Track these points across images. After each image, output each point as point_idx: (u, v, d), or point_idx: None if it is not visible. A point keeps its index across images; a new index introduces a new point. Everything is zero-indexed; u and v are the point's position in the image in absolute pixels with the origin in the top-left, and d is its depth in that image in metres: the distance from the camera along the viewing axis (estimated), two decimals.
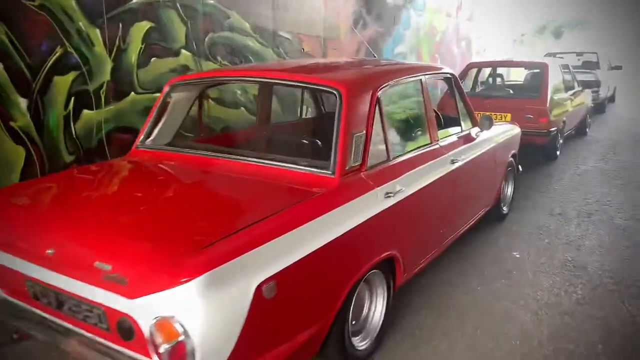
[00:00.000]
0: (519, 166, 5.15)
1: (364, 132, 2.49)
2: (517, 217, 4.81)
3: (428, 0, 11.43)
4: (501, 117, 6.79)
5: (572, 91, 7.98)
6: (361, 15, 9.05)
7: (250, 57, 6.73)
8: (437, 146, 3.26)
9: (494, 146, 4.15)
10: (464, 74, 7.55)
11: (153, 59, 5.43)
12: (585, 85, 11.23)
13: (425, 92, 3.19)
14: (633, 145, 8.31)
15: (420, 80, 3.20)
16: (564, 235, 4.38)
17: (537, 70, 7.57)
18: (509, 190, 4.89)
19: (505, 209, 4.77)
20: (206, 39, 6.09)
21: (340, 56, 7.80)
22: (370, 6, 9.23)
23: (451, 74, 3.71)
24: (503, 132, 4.51)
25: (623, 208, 5.11)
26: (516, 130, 5.06)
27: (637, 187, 5.85)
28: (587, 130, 9.23)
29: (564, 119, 7.28)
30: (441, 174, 3.17)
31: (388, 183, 2.61)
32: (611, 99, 14.24)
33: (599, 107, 11.89)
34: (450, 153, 3.35)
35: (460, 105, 3.77)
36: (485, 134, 3.99)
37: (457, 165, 3.37)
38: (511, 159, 4.76)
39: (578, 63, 12.90)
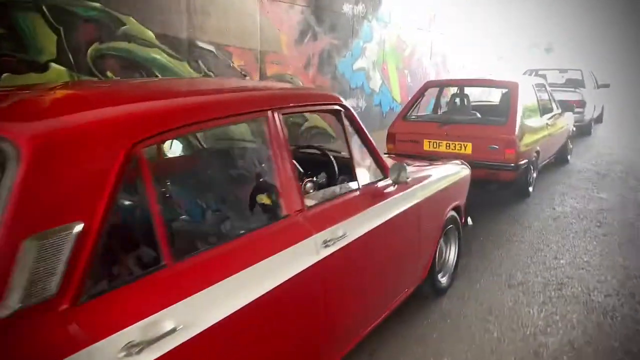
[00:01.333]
0: (469, 218, 3.95)
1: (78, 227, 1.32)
2: (461, 290, 3.49)
3: (394, 11, 10.33)
4: (461, 147, 5.63)
5: (550, 115, 6.85)
6: (309, 25, 7.92)
7: (157, 72, 5.56)
8: (296, 219, 2.03)
9: (417, 203, 2.93)
10: (420, 94, 6.40)
11: (5, 74, 4.26)
12: (566, 107, 10.16)
13: (275, 134, 1.99)
14: (620, 178, 7.16)
15: (267, 118, 2.00)
16: (521, 325, 3.10)
17: (506, 91, 6.43)
18: (451, 255, 3.64)
19: (444, 280, 3.52)
20: (89, 50, 4.91)
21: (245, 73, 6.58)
22: (320, 15, 8.11)
23: (340, 104, 2.53)
24: (437, 180, 3.28)
25: (604, 275, 3.87)
26: (463, 173, 3.87)
27: (622, 240, 4.58)
28: (569, 157, 8.10)
29: (538, 148, 6.14)
30: (298, 269, 1.94)
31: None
32: (598, 119, 13.16)
33: (584, 129, 10.78)
34: (321, 232, 2.13)
35: (357, 149, 2.55)
36: (402, 189, 2.77)
37: (332, 249, 2.14)
38: (453, 213, 3.55)
39: (562, 81, 11.85)
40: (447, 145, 5.67)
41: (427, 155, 5.50)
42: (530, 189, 6.10)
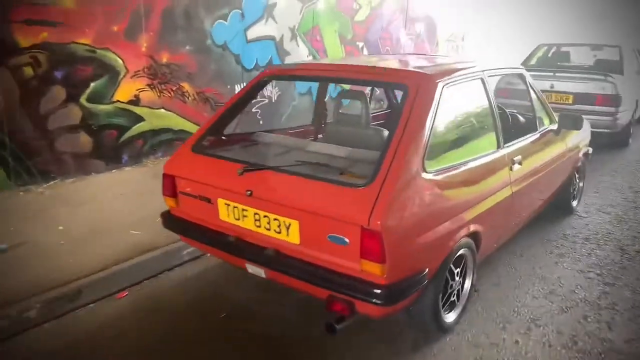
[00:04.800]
0: None
1: None
2: None
3: None
4: (279, 227, 2.39)
5: (529, 137, 3.44)
6: None
7: None
8: None
9: None
10: (246, 92, 3.09)
11: None
12: (587, 104, 6.62)
13: None
14: None
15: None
16: None
17: (403, 96, 3.05)
18: None
19: None
20: None
21: None
22: None
23: None
24: None
25: None
26: None
27: None
28: (574, 204, 4.55)
29: (477, 228, 2.75)
30: None
31: None
32: None
33: (617, 138, 7.19)
34: None
35: None
36: None
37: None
38: None
39: (591, 62, 8.16)
40: (256, 219, 2.44)
41: (224, 233, 2.49)
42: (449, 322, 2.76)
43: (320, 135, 3.60)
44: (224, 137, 3.04)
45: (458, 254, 2.64)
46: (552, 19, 14.62)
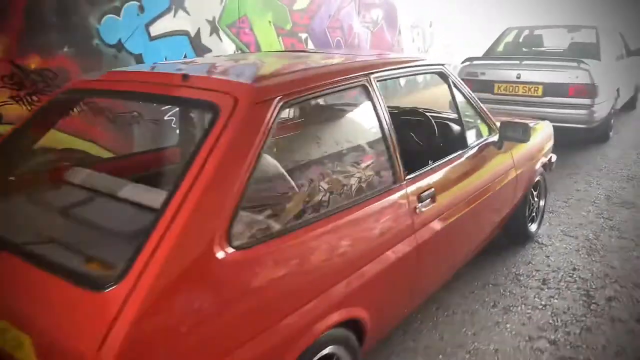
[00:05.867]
0: None
1: None
2: None
3: None
4: None
5: (453, 158, 2.54)
6: None
7: None
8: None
9: None
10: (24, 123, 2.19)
11: None
12: (558, 96, 5.79)
13: None
14: None
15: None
16: None
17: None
18: None
19: None
20: None
21: None
22: None
23: None
24: None
25: None
26: None
27: None
28: (533, 229, 3.39)
29: (359, 312, 1.88)
30: None
31: None
32: (630, 104, 8.54)
33: (596, 134, 6.29)
34: None
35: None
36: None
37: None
38: None
39: (566, 46, 7.23)
40: None
41: None
42: None
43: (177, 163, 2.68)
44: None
45: (322, 354, 1.74)
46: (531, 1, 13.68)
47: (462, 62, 6.45)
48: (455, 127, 2.80)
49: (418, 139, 2.93)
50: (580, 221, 3.90)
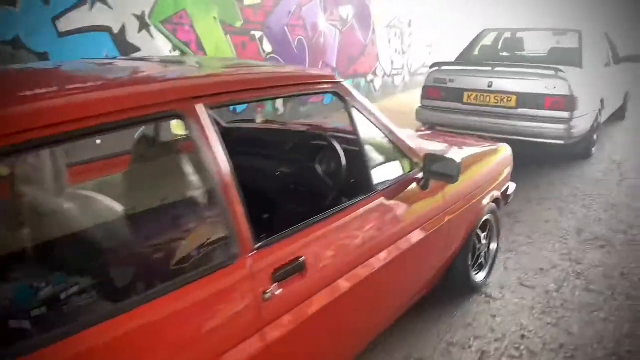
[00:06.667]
0: None
1: None
2: None
3: None
4: None
5: (345, 208, 1.89)
6: None
7: None
8: None
9: None
10: None
11: None
12: (533, 107, 5.16)
13: None
14: None
15: None
16: None
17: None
18: None
19: None
20: None
21: None
22: None
23: None
24: None
25: None
26: None
27: None
28: (480, 278, 2.52)
29: None
30: None
31: None
32: (619, 114, 7.88)
33: (576, 151, 5.64)
34: None
35: None
36: None
37: None
38: None
39: (547, 52, 6.57)
40: None
41: None
42: None
43: None
44: None
45: None
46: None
47: (430, 67, 5.79)
48: (359, 164, 2.12)
49: (323, 173, 2.27)
50: (542, 265, 3.25)
